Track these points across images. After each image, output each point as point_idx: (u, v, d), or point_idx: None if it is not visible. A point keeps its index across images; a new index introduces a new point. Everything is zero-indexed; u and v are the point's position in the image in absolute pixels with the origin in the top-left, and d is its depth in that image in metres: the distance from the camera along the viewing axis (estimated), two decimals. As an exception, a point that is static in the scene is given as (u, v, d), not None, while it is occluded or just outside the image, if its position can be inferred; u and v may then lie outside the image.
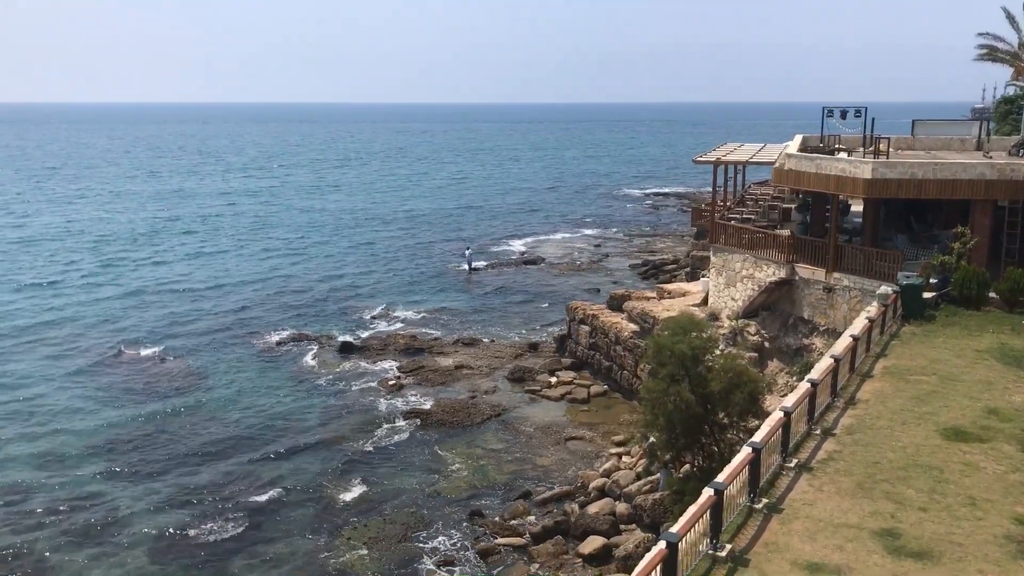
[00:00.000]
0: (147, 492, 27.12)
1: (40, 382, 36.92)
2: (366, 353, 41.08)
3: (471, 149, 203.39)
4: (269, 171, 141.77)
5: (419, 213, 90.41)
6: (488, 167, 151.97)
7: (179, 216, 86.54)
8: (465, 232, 77.74)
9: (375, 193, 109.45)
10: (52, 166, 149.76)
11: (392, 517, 25.60)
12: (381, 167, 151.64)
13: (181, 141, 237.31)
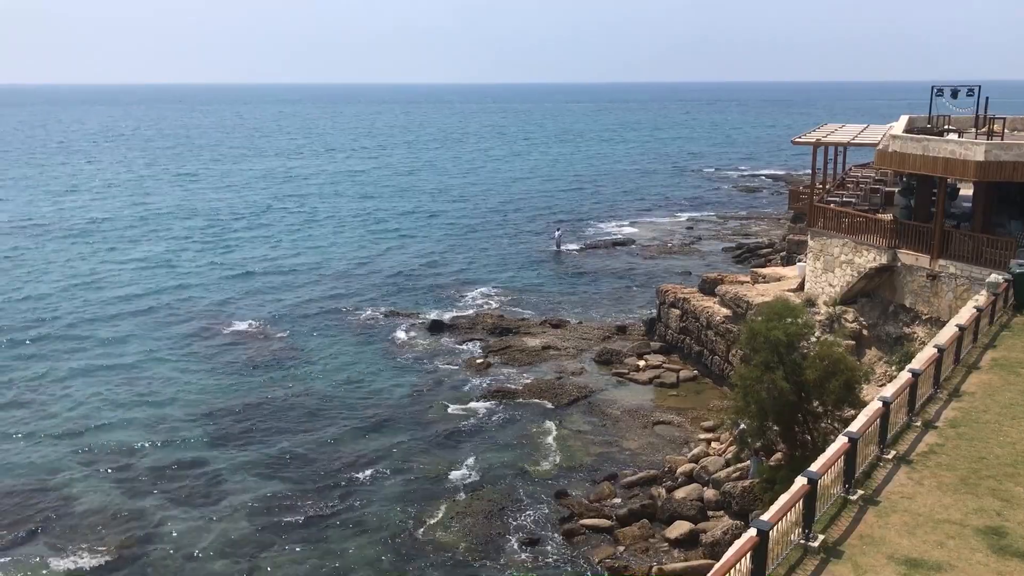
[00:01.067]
0: (246, 460, 28.22)
1: (151, 352, 38.75)
2: (455, 332, 41.61)
3: (565, 130, 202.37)
4: (367, 151, 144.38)
5: (511, 194, 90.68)
6: (581, 148, 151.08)
7: (283, 196, 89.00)
8: (555, 213, 77.64)
9: (469, 174, 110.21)
10: (168, 145, 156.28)
11: (479, 494, 25.95)
12: (475, 147, 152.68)
13: (283, 121, 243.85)
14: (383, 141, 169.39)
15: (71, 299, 47.12)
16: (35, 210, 77.73)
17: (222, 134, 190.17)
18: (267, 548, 23.07)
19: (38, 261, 56.50)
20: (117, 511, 24.86)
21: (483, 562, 22.42)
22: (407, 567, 22.23)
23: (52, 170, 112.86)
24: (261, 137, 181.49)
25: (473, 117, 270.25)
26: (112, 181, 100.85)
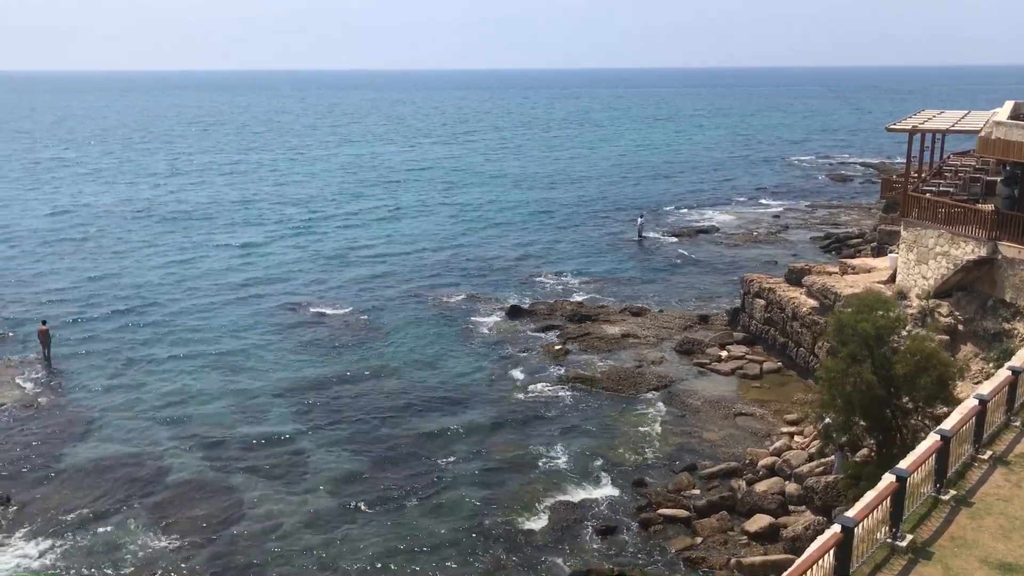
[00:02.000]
0: (328, 437, 28.95)
1: (241, 332, 40.06)
2: (534, 317, 41.70)
3: (654, 116, 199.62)
4: (455, 137, 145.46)
5: (595, 180, 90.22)
6: (670, 133, 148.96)
7: (372, 182, 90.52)
8: (639, 199, 76.89)
9: (554, 160, 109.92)
10: (258, 131, 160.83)
11: (554, 480, 26.01)
12: (562, 133, 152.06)
13: (370, 106, 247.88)
14: (471, 127, 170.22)
15: (169, 281, 48.99)
16: (138, 193, 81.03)
17: (316, 119, 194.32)
18: (348, 525, 23.64)
19: (141, 244, 58.93)
20: (208, 483, 25.84)
21: (558, 547, 22.49)
22: (483, 549, 22.47)
23: (154, 154, 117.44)
24: (351, 123, 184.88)
25: (560, 103, 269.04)
26: (209, 166, 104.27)
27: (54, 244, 58.08)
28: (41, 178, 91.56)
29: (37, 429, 29.42)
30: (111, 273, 50.41)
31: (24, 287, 47.28)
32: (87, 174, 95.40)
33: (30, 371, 34.83)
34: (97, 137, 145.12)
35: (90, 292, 46.37)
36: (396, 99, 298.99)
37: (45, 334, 36.26)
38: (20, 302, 44.22)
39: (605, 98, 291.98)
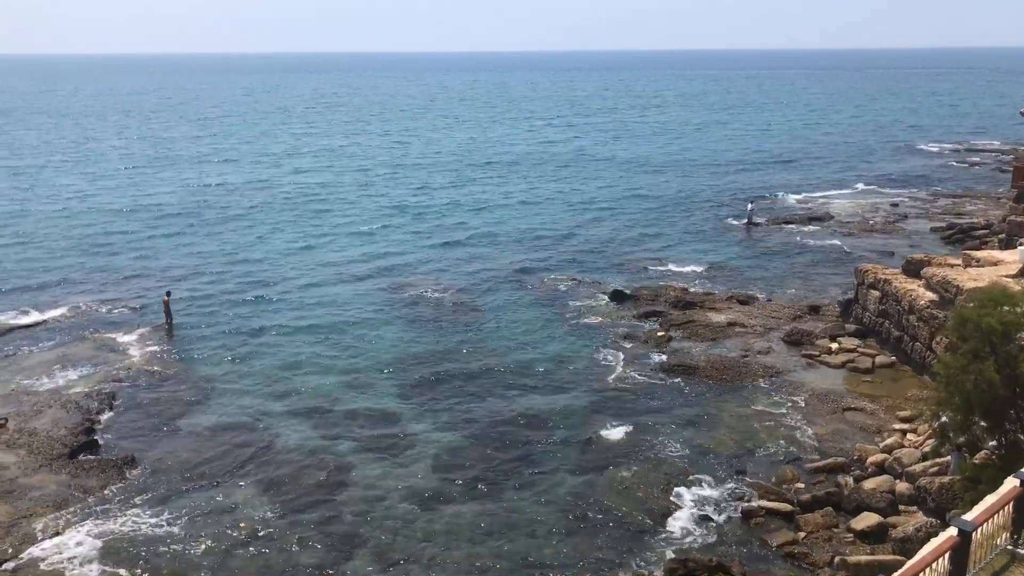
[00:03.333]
0: (430, 414, 29.53)
1: (350, 308, 41.25)
2: (637, 303, 41.31)
3: (772, 98, 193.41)
4: (566, 120, 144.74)
5: (707, 164, 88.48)
6: (789, 116, 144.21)
7: (480, 163, 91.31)
8: (751, 184, 75.02)
9: (666, 142, 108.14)
10: (373, 113, 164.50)
11: (654, 466, 25.80)
12: (676, 116, 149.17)
13: (479, 88, 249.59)
14: (582, 109, 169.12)
15: (286, 258, 50.80)
16: (259, 174, 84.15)
17: (427, 102, 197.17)
18: (447, 500, 24.10)
19: (262, 222, 61.31)
20: (315, 452, 26.79)
21: (655, 534, 22.34)
22: (579, 532, 22.53)
23: (275, 135, 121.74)
24: (461, 103, 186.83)
25: (672, 84, 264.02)
26: (326, 147, 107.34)
27: (182, 221, 60.92)
28: (170, 158, 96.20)
29: (159, 395, 31.12)
30: (233, 250, 52.61)
31: (152, 260, 49.95)
32: (213, 153, 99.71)
33: (154, 340, 36.84)
34: (222, 118, 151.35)
35: (213, 267, 48.60)
36: (502, 81, 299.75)
37: (168, 305, 38.35)
38: (148, 275, 46.75)
39: (722, 80, 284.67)
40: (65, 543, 21.77)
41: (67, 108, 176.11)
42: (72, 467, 25.53)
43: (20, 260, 49.73)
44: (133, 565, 20.85)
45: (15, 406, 29.66)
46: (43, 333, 37.40)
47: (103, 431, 28.13)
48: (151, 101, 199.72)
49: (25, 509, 23.17)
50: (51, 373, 32.76)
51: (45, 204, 66.78)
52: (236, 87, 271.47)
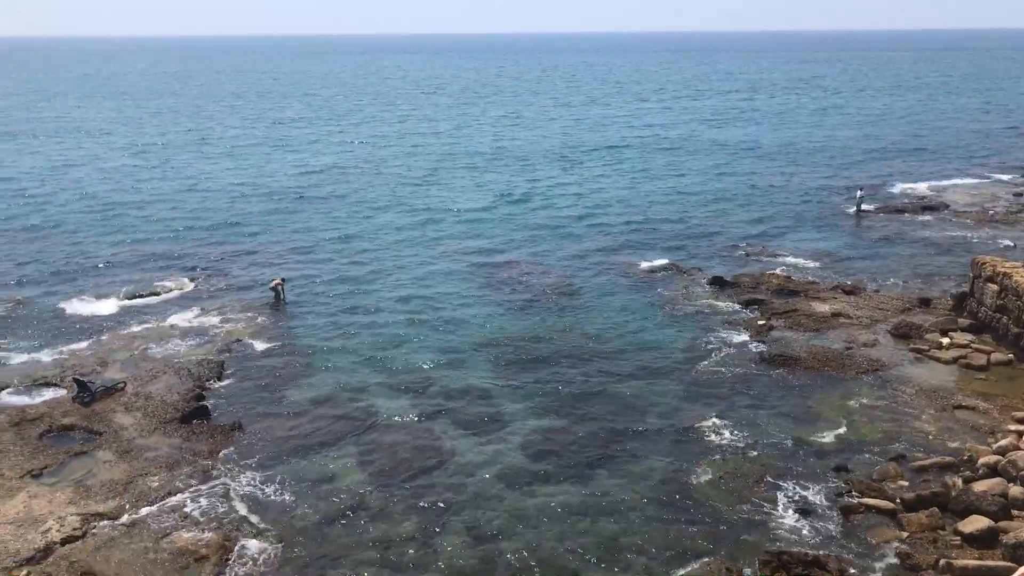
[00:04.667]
0: (523, 395, 29.73)
1: (449, 287, 41.87)
2: (737, 290, 40.46)
3: (891, 81, 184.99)
4: (676, 101, 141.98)
5: (814, 147, 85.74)
6: (908, 100, 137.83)
7: (589, 145, 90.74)
8: (862, 170, 72.25)
9: (775, 126, 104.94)
10: (479, 93, 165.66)
11: (750, 456, 25.32)
12: (788, 99, 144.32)
13: (584, 70, 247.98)
14: (694, 91, 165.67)
15: (392, 237, 51.80)
16: (370, 154, 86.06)
17: (533, 83, 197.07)
18: (537, 481, 24.26)
19: (371, 201, 62.80)
20: (410, 427, 27.40)
21: (750, 525, 21.96)
22: (670, 519, 22.35)
23: (382, 117, 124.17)
24: (569, 86, 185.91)
25: (783, 67, 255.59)
26: (435, 128, 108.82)
27: (296, 201, 62.82)
28: (285, 139, 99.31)
29: (265, 366, 32.36)
30: (340, 229, 53.83)
31: (265, 236, 51.80)
32: (326, 135, 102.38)
33: (263, 314, 38.27)
34: (329, 100, 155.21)
35: (321, 245, 50.02)
36: (610, 63, 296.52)
37: (280, 286, 39.77)
38: (261, 252, 48.53)
39: (834, 63, 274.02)
40: (176, 503, 22.96)
41: (182, 90, 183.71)
42: (184, 431, 26.86)
43: (142, 235, 52.39)
44: (236, 528, 21.83)
45: (133, 371, 31.38)
46: (161, 304, 39.37)
47: (213, 398, 29.46)
48: (262, 83, 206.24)
49: (140, 468, 24.54)
50: (167, 341, 34.48)
51: (168, 182, 70.10)
52: (329, 70, 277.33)
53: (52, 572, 19.90)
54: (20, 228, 53.57)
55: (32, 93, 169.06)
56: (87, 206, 60.08)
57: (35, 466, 24.49)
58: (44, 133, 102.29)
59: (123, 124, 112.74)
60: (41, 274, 43.72)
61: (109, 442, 26.04)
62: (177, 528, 21.74)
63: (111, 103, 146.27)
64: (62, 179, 70.67)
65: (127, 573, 19.88)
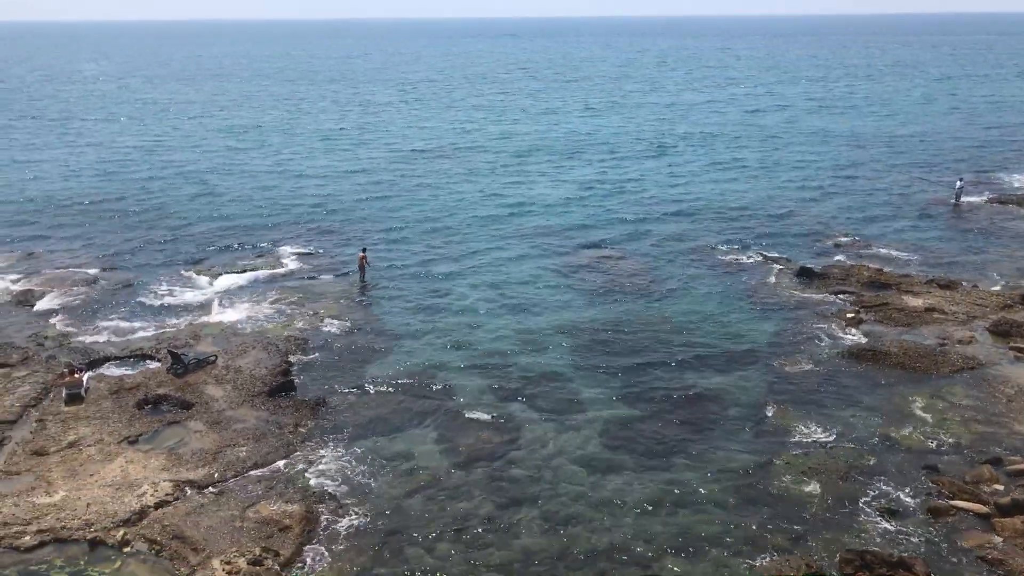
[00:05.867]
0: (603, 381, 29.61)
1: (531, 270, 41.97)
2: (826, 281, 39.33)
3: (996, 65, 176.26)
4: (767, 87, 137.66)
5: (915, 135, 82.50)
6: (1013, 86, 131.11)
7: (678, 133, 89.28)
8: (961, 160, 69.19)
9: (877, 113, 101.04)
10: (571, 79, 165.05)
11: (835, 452, 24.67)
12: (891, 86, 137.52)
13: (676, 53, 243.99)
14: (784, 76, 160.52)
15: (477, 222, 52.07)
16: (462, 139, 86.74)
17: (624, 68, 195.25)
18: (615, 468, 24.17)
19: (461, 187, 63.41)
20: (489, 409, 27.61)
21: (833, 522, 21.42)
22: (751, 512, 21.98)
23: (473, 101, 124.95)
24: (662, 69, 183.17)
25: (888, 50, 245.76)
26: (528, 109, 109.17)
27: (386, 183, 63.79)
28: (378, 123, 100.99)
29: (351, 344, 33.07)
30: (428, 211, 54.42)
31: (355, 219, 52.79)
32: (416, 120, 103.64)
33: (348, 292, 39.09)
34: (419, 84, 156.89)
35: (408, 226, 50.72)
36: (702, 47, 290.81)
37: (364, 260, 40.58)
38: (349, 233, 49.52)
39: (942, 47, 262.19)
40: (262, 474, 23.73)
41: (276, 73, 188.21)
42: (270, 404, 27.71)
43: (236, 215, 54.08)
44: (319, 501, 22.44)
45: (224, 345, 32.49)
46: (252, 281, 40.58)
47: (298, 373, 30.28)
48: (353, 67, 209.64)
49: (229, 439, 25.43)
50: (256, 317, 35.57)
51: (263, 163, 72.17)
52: (418, 54, 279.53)
53: (146, 534, 20.84)
54: (120, 208, 55.94)
55: (130, 76, 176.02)
56: (184, 187, 62.34)
57: (132, 433, 25.66)
58: (142, 115, 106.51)
59: (220, 107, 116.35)
60: (140, 252, 45.62)
61: (200, 412, 27.07)
62: (262, 498, 22.47)
63: (209, 85, 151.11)
64: (159, 160, 73.49)
65: (215, 539, 20.67)
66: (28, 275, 41.13)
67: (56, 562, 19.98)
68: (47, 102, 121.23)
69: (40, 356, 31.31)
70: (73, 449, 24.61)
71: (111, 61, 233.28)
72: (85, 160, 72.56)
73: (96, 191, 59.96)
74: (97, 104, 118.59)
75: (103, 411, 26.98)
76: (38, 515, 21.40)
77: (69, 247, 45.95)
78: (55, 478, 23.11)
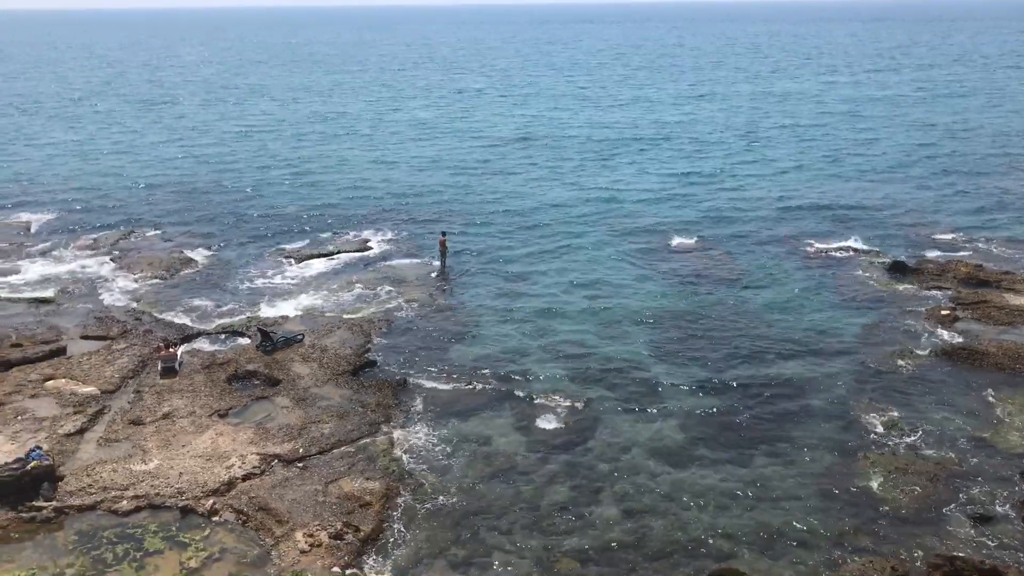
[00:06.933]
0: (681, 370, 29.29)
1: (611, 258, 41.77)
2: (920, 276, 37.91)
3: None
4: (870, 75, 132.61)
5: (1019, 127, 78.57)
6: None
7: (770, 123, 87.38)
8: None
9: (989, 103, 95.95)
10: (666, 66, 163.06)
11: (924, 454, 23.85)
12: (1004, 74, 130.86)
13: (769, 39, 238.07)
14: (886, 63, 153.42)
15: (563, 210, 51.90)
16: (553, 126, 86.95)
17: (711, 55, 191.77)
18: (693, 461, 23.92)
19: (550, 175, 63.50)
20: (567, 395, 27.64)
21: (920, 526, 20.75)
22: (834, 511, 21.46)
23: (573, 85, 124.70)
24: (753, 56, 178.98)
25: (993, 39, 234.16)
26: (615, 97, 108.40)
27: (474, 172, 64.00)
28: (468, 108, 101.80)
29: (433, 327, 33.51)
30: (517, 200, 54.32)
31: (443, 205, 53.24)
32: (509, 107, 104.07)
33: (430, 275, 39.60)
34: (509, 71, 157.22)
35: (496, 215, 50.88)
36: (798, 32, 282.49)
37: (444, 245, 41.02)
38: (437, 220, 49.99)
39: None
40: (344, 451, 24.32)
41: (367, 60, 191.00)
42: (354, 383, 28.34)
43: (327, 198, 55.38)
44: (398, 479, 22.88)
45: (311, 324, 33.35)
46: (339, 263, 41.49)
47: (381, 354, 30.86)
48: (439, 53, 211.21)
49: (314, 415, 26.14)
50: (342, 299, 36.40)
51: (354, 150, 73.63)
52: (503, 39, 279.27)
53: (233, 504, 21.64)
54: (215, 192, 57.91)
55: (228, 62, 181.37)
56: (276, 171, 64.07)
57: (222, 406, 26.62)
58: (239, 100, 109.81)
59: (317, 93, 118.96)
60: (233, 234, 47.13)
61: (287, 389, 27.90)
62: (344, 475, 23.05)
63: (301, 72, 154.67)
64: (253, 145, 75.68)
65: (298, 512, 21.31)
66: (128, 252, 43.04)
67: (150, 527, 20.93)
68: (147, 87, 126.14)
69: (138, 330, 32.77)
70: (167, 420, 25.70)
71: (209, 48, 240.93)
72: (183, 144, 75.38)
73: (193, 175, 62.28)
74: (199, 89, 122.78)
75: (196, 384, 28.07)
76: (134, 481, 22.45)
77: (167, 228, 47.82)
78: (150, 447, 24.18)
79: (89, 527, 20.91)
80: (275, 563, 19.59)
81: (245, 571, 19.42)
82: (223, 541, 20.47)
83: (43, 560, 19.76)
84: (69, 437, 24.65)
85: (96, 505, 21.58)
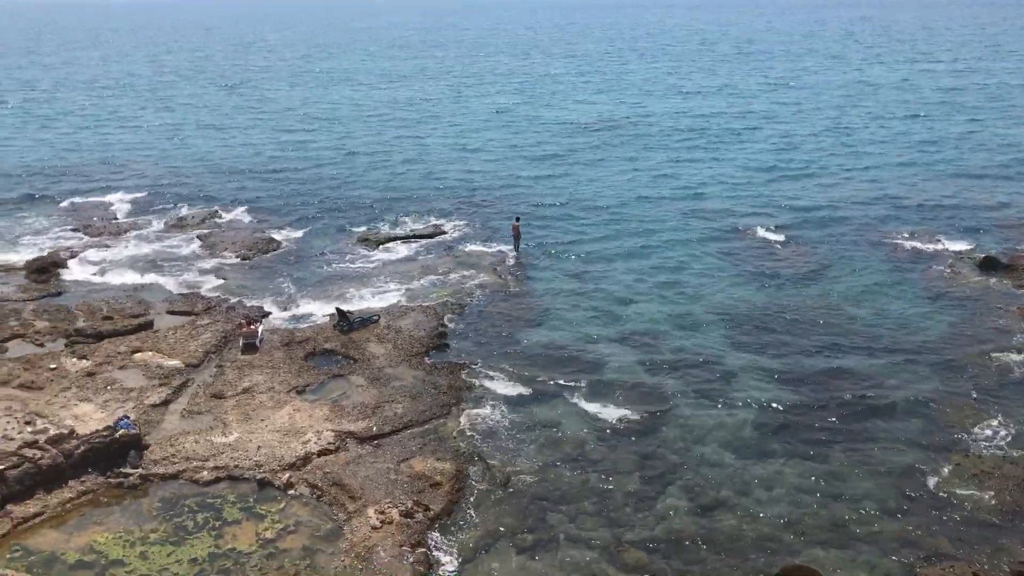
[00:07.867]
0: (757, 364, 28.71)
1: (687, 248, 41.19)
2: (1012, 273, 36.28)
3: None
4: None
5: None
6: None
7: (858, 114, 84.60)
8: None
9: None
10: (754, 52, 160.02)
11: (1011, 457, 22.89)
12: None
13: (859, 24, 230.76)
14: (990, 50, 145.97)
15: (635, 194, 51.71)
16: (637, 113, 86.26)
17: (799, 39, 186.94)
18: (767, 455, 23.49)
19: (622, 156, 63.10)
20: (639, 383, 27.46)
21: (1008, 532, 19.95)
22: (915, 513, 20.81)
23: (657, 72, 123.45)
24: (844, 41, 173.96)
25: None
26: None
27: (555, 159, 63.87)
28: (553, 93, 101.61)
29: (504, 311, 33.66)
30: (596, 188, 53.82)
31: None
32: (593, 93, 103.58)
33: (503, 260, 39.76)
34: (593, 55, 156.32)
35: (573, 202, 50.64)
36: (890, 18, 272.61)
37: (517, 230, 41.11)
38: (517, 206, 50.13)
39: None
40: (417, 431, 24.68)
41: (449, 44, 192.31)
42: (427, 365, 28.72)
43: (404, 184, 56.15)
44: (468, 461, 23.12)
45: (386, 306, 33.89)
46: (416, 247, 42.00)
47: (454, 338, 31.16)
48: (522, 38, 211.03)
49: (388, 395, 26.58)
50: (417, 282, 36.86)
51: (434, 138, 74.36)
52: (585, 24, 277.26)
53: (308, 479, 22.20)
54: (298, 174, 59.30)
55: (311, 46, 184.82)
56: (357, 156, 65.21)
57: (300, 383, 27.31)
58: (322, 84, 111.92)
59: (395, 78, 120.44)
60: (313, 217, 48.17)
61: (362, 368, 28.44)
62: (416, 454, 23.40)
63: (385, 56, 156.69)
64: (336, 130, 77.15)
65: (371, 489, 21.74)
66: (213, 232, 44.43)
67: (229, 497, 21.65)
68: (233, 71, 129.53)
69: (221, 307, 33.84)
70: (247, 395, 26.49)
71: (294, 31, 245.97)
72: (268, 128, 77.33)
73: (277, 159, 63.88)
74: (282, 74, 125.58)
75: (275, 361, 28.85)
76: (215, 452, 23.24)
77: (252, 210, 49.15)
78: (230, 420, 24.98)
79: (172, 495, 21.74)
80: (347, 538, 20.04)
81: (318, 544, 19.92)
82: (298, 514, 21.03)
83: (129, 524, 20.64)
84: (155, 408, 25.66)
85: (179, 474, 22.42)
